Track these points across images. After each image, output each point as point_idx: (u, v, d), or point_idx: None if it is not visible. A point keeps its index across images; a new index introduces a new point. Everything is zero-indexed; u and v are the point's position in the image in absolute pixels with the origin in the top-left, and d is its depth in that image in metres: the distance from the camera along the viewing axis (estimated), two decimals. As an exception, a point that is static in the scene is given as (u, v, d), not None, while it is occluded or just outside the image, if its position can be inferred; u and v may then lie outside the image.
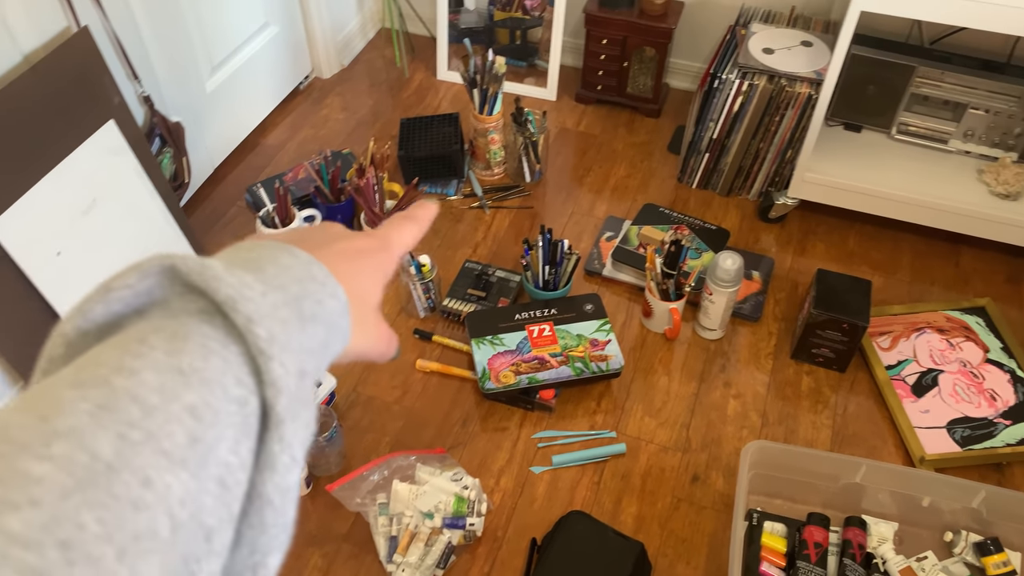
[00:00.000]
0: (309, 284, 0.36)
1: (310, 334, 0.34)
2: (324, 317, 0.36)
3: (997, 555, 1.27)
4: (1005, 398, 1.51)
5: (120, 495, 0.24)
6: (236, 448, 0.29)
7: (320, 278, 0.37)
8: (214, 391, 0.29)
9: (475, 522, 1.31)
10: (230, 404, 0.29)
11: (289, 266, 0.36)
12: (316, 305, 0.36)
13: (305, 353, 0.34)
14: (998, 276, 1.79)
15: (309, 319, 0.35)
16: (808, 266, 1.80)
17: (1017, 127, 1.73)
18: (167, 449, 0.26)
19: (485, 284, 1.72)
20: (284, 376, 0.31)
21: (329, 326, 0.37)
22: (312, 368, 0.35)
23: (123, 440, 0.25)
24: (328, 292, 0.37)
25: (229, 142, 2.05)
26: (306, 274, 0.37)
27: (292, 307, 0.34)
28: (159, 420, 0.27)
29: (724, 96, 1.78)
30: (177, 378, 0.28)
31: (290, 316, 0.33)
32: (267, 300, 0.32)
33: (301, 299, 0.35)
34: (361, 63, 2.41)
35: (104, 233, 1.49)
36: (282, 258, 0.37)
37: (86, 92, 1.46)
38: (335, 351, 0.38)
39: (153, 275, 0.32)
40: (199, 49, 1.84)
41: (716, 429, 1.50)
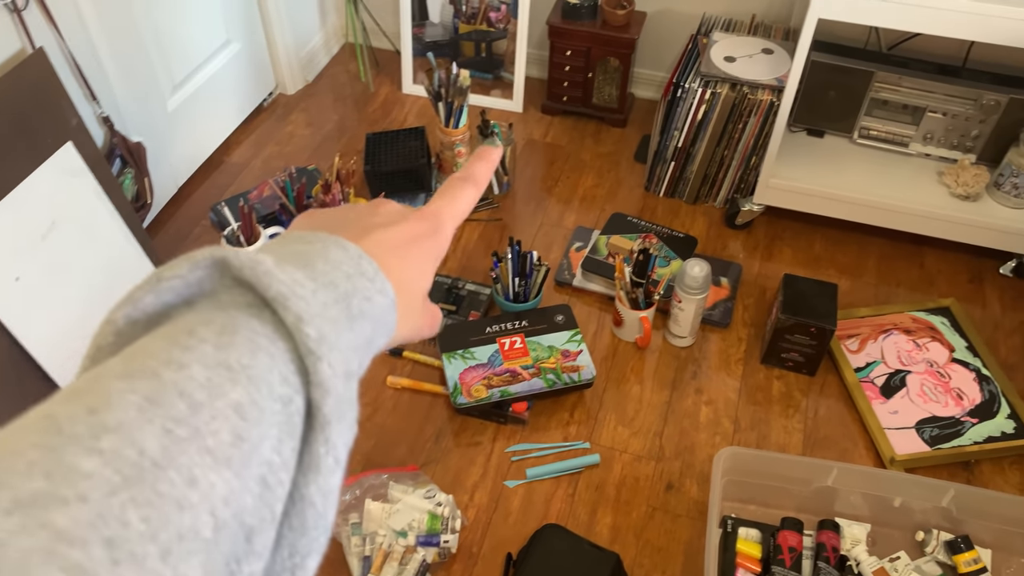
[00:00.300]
0: (358, 280, 0.36)
1: (357, 332, 0.34)
2: (372, 314, 0.36)
3: (968, 553, 1.28)
4: (971, 396, 1.53)
5: (165, 493, 0.24)
6: (279, 448, 0.29)
7: (370, 274, 0.37)
8: (260, 389, 0.29)
9: (449, 539, 1.30)
10: (275, 403, 0.29)
11: (339, 261, 0.36)
12: (364, 302, 0.35)
13: (352, 352, 0.33)
14: (961, 276, 1.81)
15: (357, 317, 0.34)
16: (775, 271, 1.81)
17: (974, 129, 1.76)
18: (212, 447, 0.26)
19: (455, 298, 1.71)
20: (332, 377, 0.30)
21: (376, 323, 0.36)
22: (357, 367, 0.34)
23: (169, 436, 0.25)
24: (377, 288, 0.37)
25: (192, 161, 2.02)
26: (356, 270, 0.36)
27: (341, 305, 0.34)
28: (205, 417, 0.26)
29: (688, 105, 1.80)
30: (224, 374, 0.28)
31: (339, 315, 0.33)
32: (317, 298, 0.32)
33: (350, 296, 0.34)
34: (325, 78, 2.39)
35: (64, 257, 1.46)
36: (332, 252, 0.36)
37: (43, 114, 1.43)
38: (379, 346, 0.38)
39: (204, 267, 0.32)
40: (159, 68, 1.82)
41: (689, 436, 1.50)
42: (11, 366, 1.41)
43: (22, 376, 1.43)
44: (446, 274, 1.78)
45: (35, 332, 1.41)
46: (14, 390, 1.43)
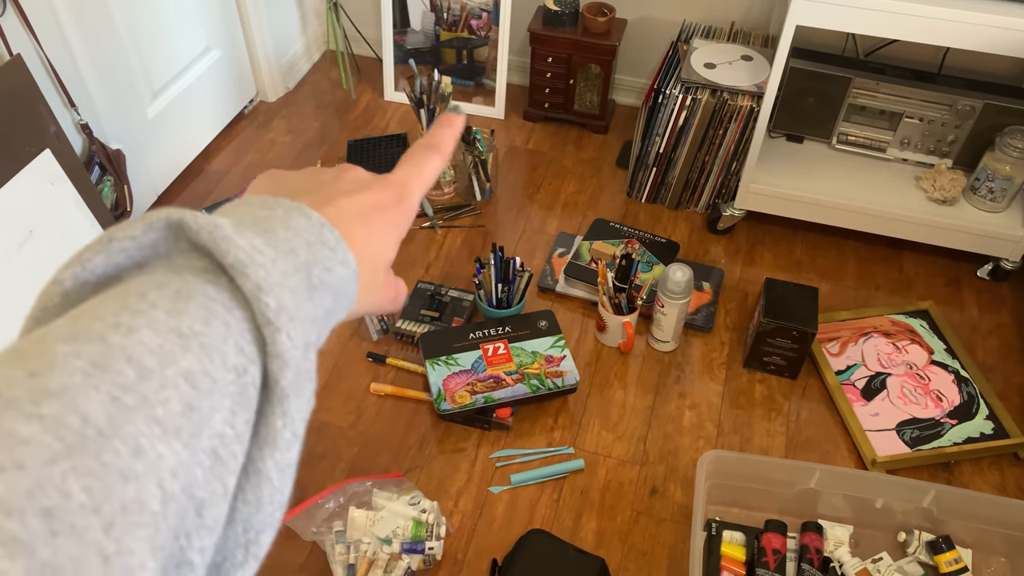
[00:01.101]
0: (320, 249, 0.35)
1: (317, 303, 0.33)
2: (332, 284, 0.35)
3: (949, 553, 1.29)
4: (951, 398, 1.55)
5: (109, 463, 0.23)
6: (232, 420, 0.28)
7: (331, 243, 0.35)
8: (213, 358, 0.27)
9: (434, 546, 1.29)
10: (228, 373, 0.28)
11: (300, 229, 0.34)
12: (325, 272, 0.34)
13: (311, 323, 0.32)
14: (939, 279, 1.83)
15: (317, 287, 0.33)
16: (757, 275, 1.83)
17: (950, 134, 1.79)
18: (160, 417, 0.25)
19: (438, 304, 1.71)
20: (291, 349, 0.29)
21: (336, 293, 0.35)
22: (316, 338, 0.33)
23: (116, 404, 0.24)
24: (338, 259, 0.35)
25: (173, 168, 2.01)
26: (317, 238, 0.35)
27: (301, 274, 0.32)
28: (154, 385, 0.25)
29: (668, 111, 1.81)
30: (176, 340, 0.27)
31: (299, 284, 0.32)
32: (277, 267, 0.31)
33: (311, 266, 0.33)
34: (307, 85, 2.39)
35: (42, 265, 1.44)
36: (293, 219, 0.35)
37: (20, 121, 1.42)
38: (338, 317, 0.37)
39: (159, 229, 0.30)
40: (138, 75, 1.80)
41: (673, 441, 1.51)
42: (-12, 376, 1.39)
43: (-1, 386, 1.41)
44: (429, 280, 1.78)
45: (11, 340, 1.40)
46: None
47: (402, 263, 1.83)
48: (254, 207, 0.35)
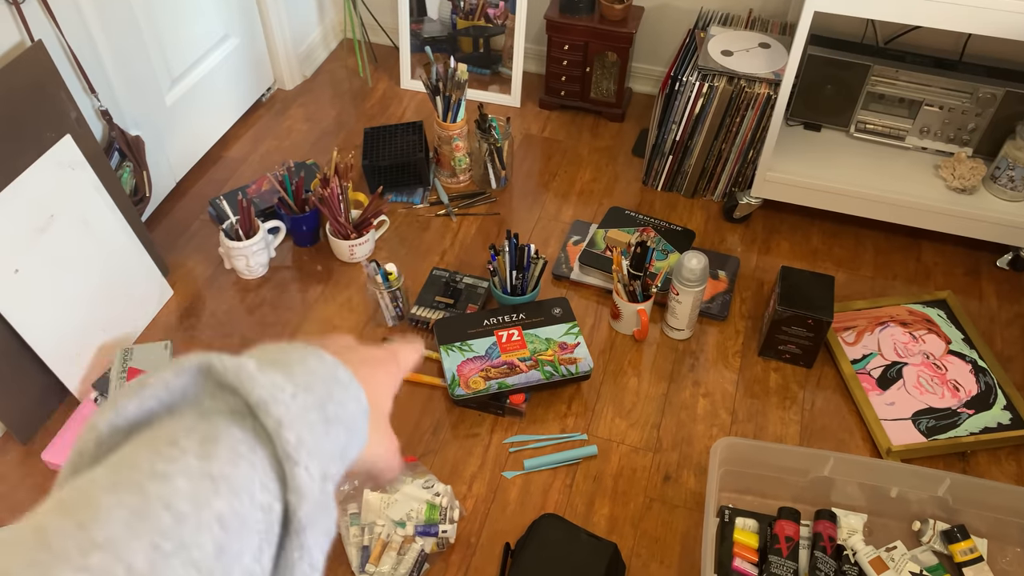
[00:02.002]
0: (334, 386, 0.37)
1: (333, 437, 0.35)
2: (346, 420, 0.37)
3: (964, 542, 1.28)
4: (968, 388, 1.54)
5: None
6: (259, 556, 0.30)
7: (344, 381, 0.38)
8: (242, 499, 0.29)
9: (448, 529, 1.30)
10: (256, 511, 0.30)
11: (315, 368, 0.37)
12: (339, 407, 0.37)
13: (328, 457, 0.34)
14: (958, 269, 1.82)
15: (333, 421, 0.36)
16: (773, 264, 1.82)
17: (971, 122, 1.77)
18: (197, 559, 0.27)
19: (453, 291, 1.72)
20: (308, 482, 0.31)
21: (350, 429, 0.37)
22: (334, 472, 0.35)
23: (156, 551, 0.26)
24: (351, 395, 0.38)
25: (191, 155, 2.03)
26: (331, 376, 0.38)
27: (318, 410, 0.35)
28: (190, 529, 0.27)
29: (685, 98, 1.80)
30: (207, 485, 0.29)
31: (316, 419, 0.34)
32: (296, 402, 0.33)
33: (326, 402, 0.36)
34: (324, 74, 2.40)
35: (63, 249, 1.46)
36: (310, 360, 0.37)
37: (42, 107, 1.43)
38: (352, 455, 0.39)
39: (189, 374, 0.33)
40: (157, 62, 1.82)
41: (686, 428, 1.51)
42: (10, 357, 1.41)
43: (21, 367, 1.44)
44: (444, 267, 1.78)
45: (34, 324, 1.42)
46: (12, 379, 1.43)
47: (417, 251, 1.84)
48: (272, 351, 0.38)
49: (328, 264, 1.81)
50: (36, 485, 1.42)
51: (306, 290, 1.75)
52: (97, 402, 1.48)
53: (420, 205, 1.95)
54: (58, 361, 1.47)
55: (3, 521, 1.36)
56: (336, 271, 1.79)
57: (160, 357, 1.51)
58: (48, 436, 1.48)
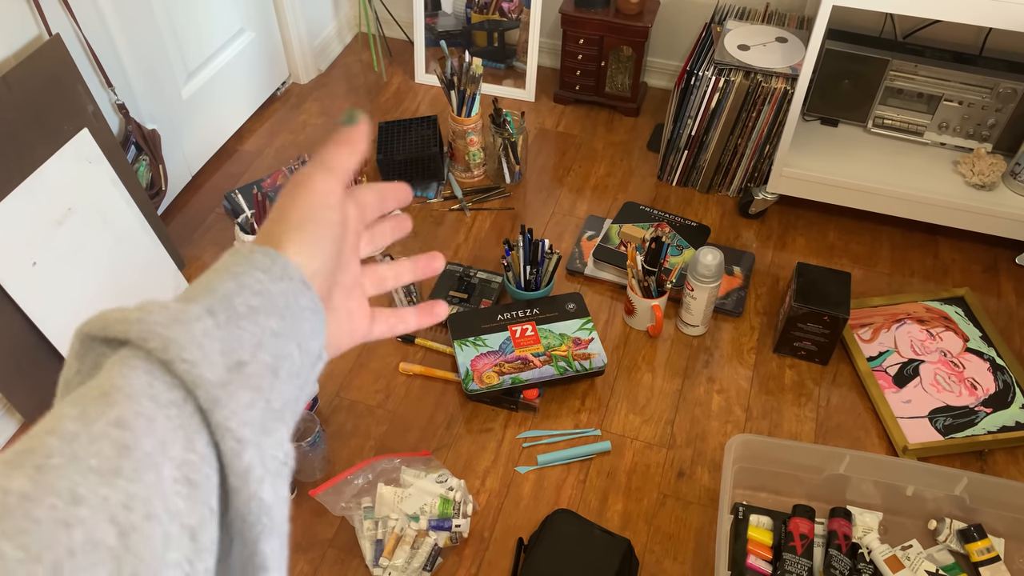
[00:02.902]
0: (248, 276, 0.35)
1: (247, 325, 0.34)
2: (270, 304, 0.35)
3: (981, 541, 1.27)
4: (985, 386, 1.52)
5: (42, 518, 0.24)
6: (191, 446, 0.30)
7: (262, 264, 0.36)
8: (141, 401, 0.29)
9: (461, 523, 1.31)
10: (167, 408, 0.30)
11: (224, 265, 0.36)
12: (254, 296, 0.35)
13: (242, 345, 0.33)
14: (976, 266, 1.80)
15: (246, 315, 0.34)
16: (788, 260, 1.81)
17: (990, 118, 1.75)
18: (95, 465, 0.27)
19: (467, 286, 1.71)
20: (193, 370, 0.31)
21: (279, 310, 0.35)
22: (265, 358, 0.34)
23: (41, 471, 0.26)
24: (271, 277, 0.36)
25: (206, 149, 2.03)
26: (247, 264, 0.36)
27: (220, 307, 0.34)
28: (82, 442, 0.27)
29: (701, 93, 1.79)
30: (99, 400, 0.29)
31: (213, 319, 0.33)
32: (168, 315, 0.32)
33: (234, 295, 0.35)
34: (338, 68, 2.40)
35: (80, 242, 1.47)
36: (221, 261, 0.37)
37: (59, 101, 1.44)
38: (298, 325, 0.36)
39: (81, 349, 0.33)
40: (174, 56, 1.83)
41: (700, 424, 1.50)
42: (27, 349, 1.43)
43: (38, 359, 1.45)
44: (458, 262, 1.78)
45: (52, 316, 1.43)
46: (31, 371, 1.44)
47: (431, 245, 1.84)
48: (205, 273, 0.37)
49: (342, 258, 1.81)
50: (53, 476, 1.43)
51: (320, 284, 1.76)
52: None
53: (434, 199, 1.95)
54: (75, 353, 1.48)
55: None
56: (350, 265, 1.79)
57: (176, 350, 1.52)
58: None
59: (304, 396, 0.37)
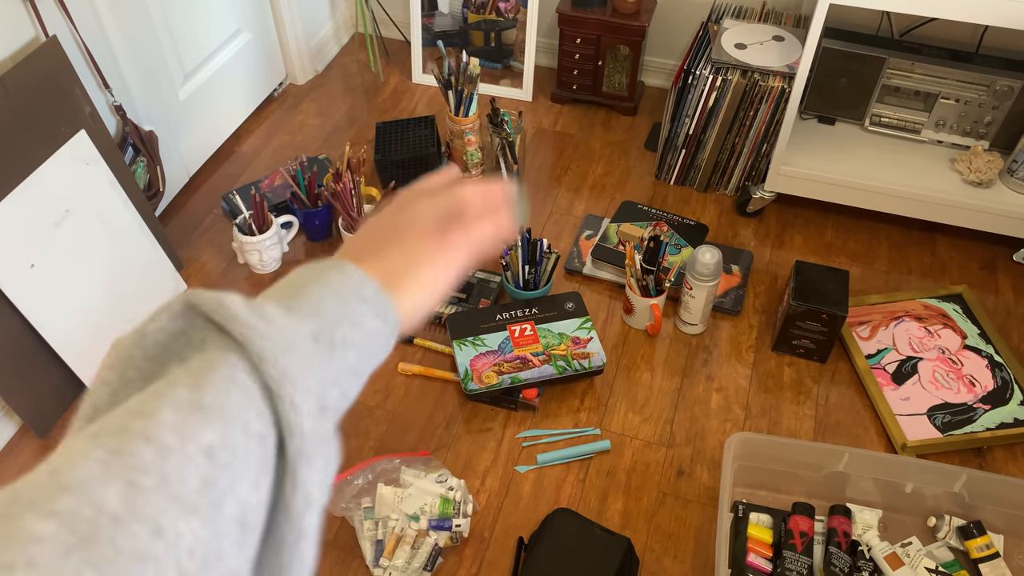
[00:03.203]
0: (351, 306, 0.35)
1: (337, 361, 0.33)
2: (361, 340, 0.35)
3: (980, 538, 1.28)
4: (984, 383, 1.53)
5: (124, 548, 0.23)
6: (257, 486, 0.29)
7: (368, 296, 0.36)
8: (233, 429, 0.28)
9: (461, 523, 1.31)
10: (250, 440, 0.29)
11: (330, 288, 0.35)
12: (352, 329, 0.35)
13: (328, 384, 0.33)
14: (973, 263, 1.80)
15: (340, 346, 0.34)
16: (787, 258, 1.81)
17: (987, 115, 1.75)
18: (179, 494, 0.25)
19: (465, 285, 1.71)
20: (295, 416, 0.30)
21: (366, 348, 0.35)
22: (334, 400, 0.33)
23: (133, 487, 0.25)
24: (373, 311, 0.36)
25: (204, 150, 2.03)
26: (352, 293, 0.36)
27: (319, 336, 0.33)
28: (174, 463, 0.26)
29: (698, 92, 1.79)
30: (196, 415, 0.27)
31: (312, 348, 0.32)
32: (285, 334, 0.31)
33: (335, 325, 0.34)
34: (335, 68, 2.40)
35: (78, 244, 1.47)
36: (330, 279, 0.36)
37: (56, 102, 1.44)
38: (370, 369, 0.37)
39: (180, 314, 0.31)
40: (170, 57, 1.82)
41: (700, 423, 1.50)
42: (26, 351, 1.42)
43: (37, 362, 1.45)
44: (456, 262, 1.78)
45: (50, 319, 1.43)
46: (29, 373, 1.44)
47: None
48: (294, 276, 0.36)
49: (341, 259, 1.81)
50: (52, 478, 1.43)
51: (319, 285, 1.76)
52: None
53: (432, 200, 1.95)
54: (73, 355, 1.48)
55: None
56: (349, 266, 1.79)
57: (174, 351, 1.51)
58: (64, 430, 1.49)
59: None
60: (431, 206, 0.44)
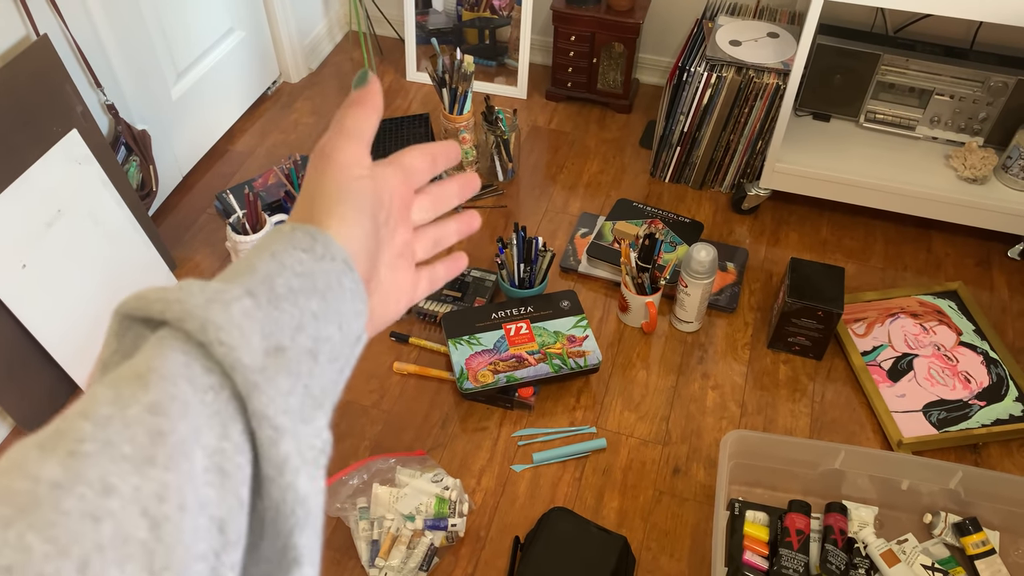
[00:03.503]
0: (288, 256, 0.34)
1: (287, 308, 0.33)
2: (310, 285, 0.34)
3: (976, 535, 1.28)
4: (979, 380, 1.53)
5: (71, 509, 0.23)
6: (226, 433, 0.29)
7: (303, 243, 0.35)
8: (178, 384, 0.28)
9: (457, 523, 1.30)
10: (203, 393, 0.29)
11: (264, 244, 0.35)
12: (295, 277, 0.34)
13: (283, 328, 0.32)
14: (969, 260, 1.80)
15: (286, 295, 0.33)
16: (782, 256, 1.81)
17: (982, 112, 1.75)
18: (129, 453, 0.25)
19: (460, 284, 1.71)
20: (229, 352, 0.29)
21: (319, 292, 0.34)
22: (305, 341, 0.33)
23: (73, 457, 0.25)
24: (312, 257, 0.35)
25: (197, 149, 2.02)
26: (286, 245, 0.35)
27: (261, 288, 0.33)
28: (116, 427, 0.26)
29: (693, 89, 1.79)
30: (135, 382, 0.28)
31: (254, 300, 0.32)
32: (206, 294, 0.31)
33: (274, 276, 0.33)
34: (329, 66, 2.39)
35: (71, 244, 1.46)
36: (262, 241, 0.36)
37: (48, 102, 1.43)
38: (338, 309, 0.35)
39: (120, 330, 0.31)
40: (163, 56, 1.81)
41: (695, 421, 1.50)
42: (18, 352, 1.42)
43: (29, 362, 1.44)
44: (451, 261, 1.78)
45: (41, 319, 1.42)
46: (21, 374, 1.43)
47: (424, 243, 1.83)
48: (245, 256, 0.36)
49: (335, 258, 1.80)
50: (46, 480, 1.42)
51: (313, 284, 1.75)
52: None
53: (427, 198, 1.94)
54: (66, 355, 1.47)
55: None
56: (343, 265, 1.79)
57: (168, 352, 1.51)
58: (57, 431, 1.48)
59: (343, 379, 0.36)
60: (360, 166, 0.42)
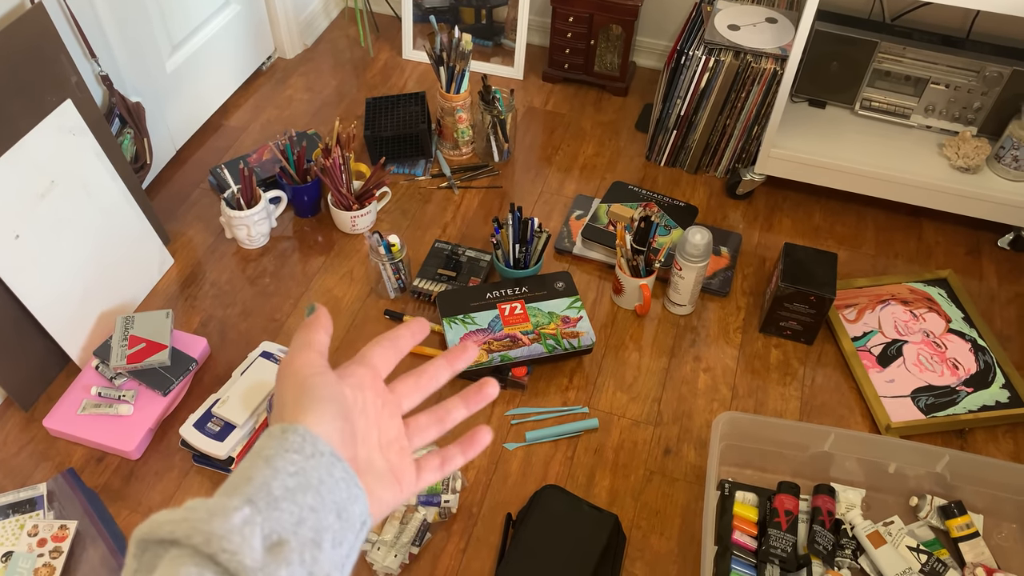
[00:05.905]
0: (280, 460, 0.38)
1: (286, 508, 0.36)
2: (303, 484, 0.37)
3: (960, 518, 1.30)
4: (967, 366, 1.55)
5: None
6: None
7: (294, 444, 0.38)
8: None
9: (450, 499, 1.31)
10: None
11: (257, 451, 0.39)
12: (291, 478, 0.37)
13: (284, 527, 0.35)
14: (959, 248, 1.82)
15: (284, 496, 0.36)
16: (775, 241, 1.82)
17: (976, 101, 1.76)
18: None
19: (455, 264, 1.71)
20: (233, 558, 0.32)
21: (312, 486, 0.38)
22: (308, 533, 0.36)
23: None
24: (303, 456, 0.38)
25: (191, 123, 2.01)
26: (278, 448, 0.38)
27: (259, 495, 0.36)
28: None
29: (691, 73, 1.79)
30: None
31: (253, 507, 0.35)
32: (209, 509, 0.34)
33: (270, 481, 0.37)
34: (325, 43, 2.37)
35: (64, 216, 1.45)
36: (256, 446, 0.39)
37: (42, 71, 1.41)
38: (332, 496, 0.38)
39: (137, 552, 0.34)
40: (158, 28, 1.80)
41: (687, 403, 1.52)
42: (10, 323, 1.41)
43: (22, 334, 1.43)
44: (446, 240, 1.78)
45: (35, 290, 1.41)
46: (14, 345, 1.43)
47: (419, 223, 1.83)
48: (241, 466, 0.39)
49: (329, 235, 1.80)
50: (37, 452, 1.42)
51: (307, 260, 1.75)
52: (98, 369, 1.47)
53: (422, 177, 1.94)
54: (59, 328, 1.47)
55: (2, 487, 1.36)
56: (337, 242, 1.79)
57: (161, 325, 1.50)
58: (49, 403, 1.48)
59: (352, 558, 0.39)
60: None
